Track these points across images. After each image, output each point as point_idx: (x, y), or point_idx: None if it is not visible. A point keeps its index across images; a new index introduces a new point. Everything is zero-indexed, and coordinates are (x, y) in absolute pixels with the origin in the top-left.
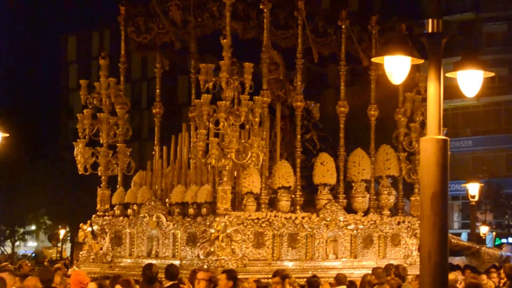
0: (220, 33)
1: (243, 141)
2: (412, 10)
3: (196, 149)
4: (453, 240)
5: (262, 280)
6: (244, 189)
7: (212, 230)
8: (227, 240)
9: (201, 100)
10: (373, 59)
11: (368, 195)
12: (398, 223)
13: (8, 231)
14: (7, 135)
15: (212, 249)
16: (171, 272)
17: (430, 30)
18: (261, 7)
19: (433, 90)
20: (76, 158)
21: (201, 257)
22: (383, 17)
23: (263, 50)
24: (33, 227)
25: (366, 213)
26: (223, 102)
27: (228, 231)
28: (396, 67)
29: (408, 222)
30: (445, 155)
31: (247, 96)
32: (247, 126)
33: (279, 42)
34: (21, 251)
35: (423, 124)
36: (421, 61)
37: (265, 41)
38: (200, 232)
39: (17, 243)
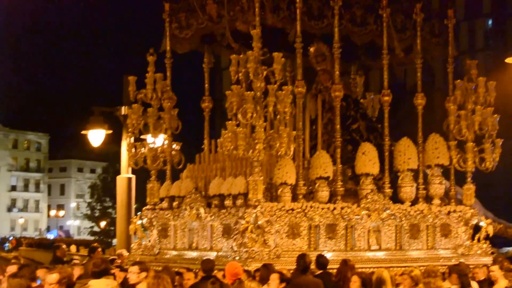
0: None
1: (272, 131)
2: None
3: (226, 141)
4: (510, 230)
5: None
6: (279, 180)
7: (243, 222)
8: (258, 231)
9: (230, 92)
10: (507, 60)
11: (415, 185)
12: (449, 213)
13: None
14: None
15: (244, 241)
16: (321, 262)
17: None
18: None
19: None
20: (127, 152)
21: (234, 248)
22: None
23: (297, 41)
24: None
25: (414, 203)
26: (251, 92)
27: (259, 222)
28: None
29: (460, 211)
30: None
31: (275, 86)
32: (278, 117)
33: (314, 32)
34: None
35: (473, 112)
36: None
37: (298, 31)
38: (234, 224)
39: None
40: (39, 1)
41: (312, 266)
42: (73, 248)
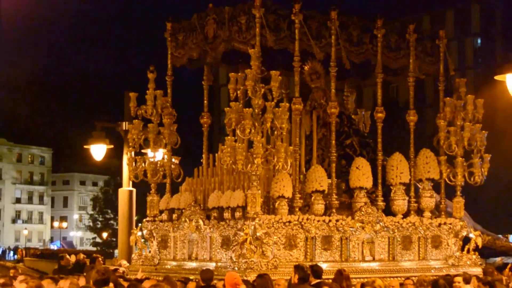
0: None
1: (269, 146)
2: None
3: (224, 155)
4: (497, 242)
5: None
6: (276, 193)
7: (242, 233)
8: (257, 243)
9: (229, 108)
10: (496, 77)
11: (407, 198)
12: (439, 225)
13: None
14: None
15: (243, 252)
16: (316, 271)
17: None
18: (292, 18)
19: None
20: (127, 166)
21: (233, 259)
22: None
23: (295, 60)
24: None
25: (406, 215)
26: (249, 109)
27: (257, 234)
28: None
29: (450, 223)
30: None
31: (272, 103)
32: (276, 132)
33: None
34: None
35: (462, 128)
36: None
37: (296, 51)
38: (233, 235)
39: None
40: (42, 15)
41: None
42: (73, 258)
